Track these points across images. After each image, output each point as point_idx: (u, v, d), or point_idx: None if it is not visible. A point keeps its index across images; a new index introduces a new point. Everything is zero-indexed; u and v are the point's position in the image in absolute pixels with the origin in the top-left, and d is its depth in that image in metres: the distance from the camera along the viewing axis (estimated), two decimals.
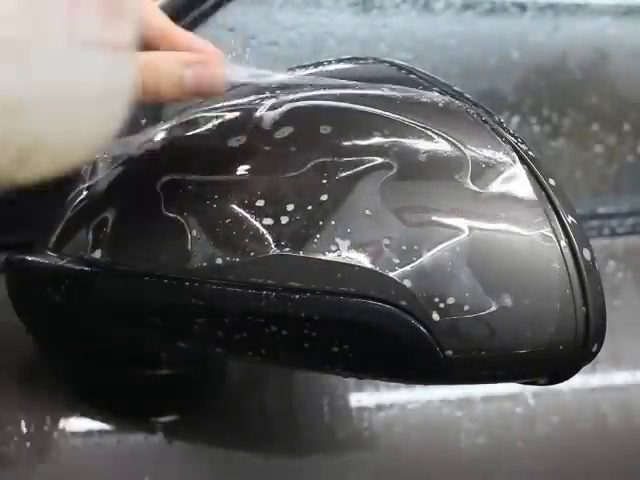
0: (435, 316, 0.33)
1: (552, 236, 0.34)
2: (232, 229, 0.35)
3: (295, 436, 0.54)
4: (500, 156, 0.35)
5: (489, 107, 0.39)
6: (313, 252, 0.34)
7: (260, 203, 0.35)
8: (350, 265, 0.34)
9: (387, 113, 0.37)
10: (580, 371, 0.35)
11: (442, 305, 0.33)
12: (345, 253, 0.34)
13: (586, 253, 0.34)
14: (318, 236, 0.34)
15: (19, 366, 0.50)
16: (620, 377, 0.61)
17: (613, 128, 0.68)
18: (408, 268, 0.33)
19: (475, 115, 0.37)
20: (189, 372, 0.52)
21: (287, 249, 0.34)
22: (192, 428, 0.52)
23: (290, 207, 0.35)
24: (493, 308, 0.33)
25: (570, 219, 0.34)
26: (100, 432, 0.50)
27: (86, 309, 0.41)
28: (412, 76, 0.41)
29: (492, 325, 0.33)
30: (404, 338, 0.34)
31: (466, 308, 0.33)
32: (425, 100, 0.38)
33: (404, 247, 0.34)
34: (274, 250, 0.35)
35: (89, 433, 0.50)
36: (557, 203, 0.35)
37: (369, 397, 0.56)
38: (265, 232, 0.35)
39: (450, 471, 0.57)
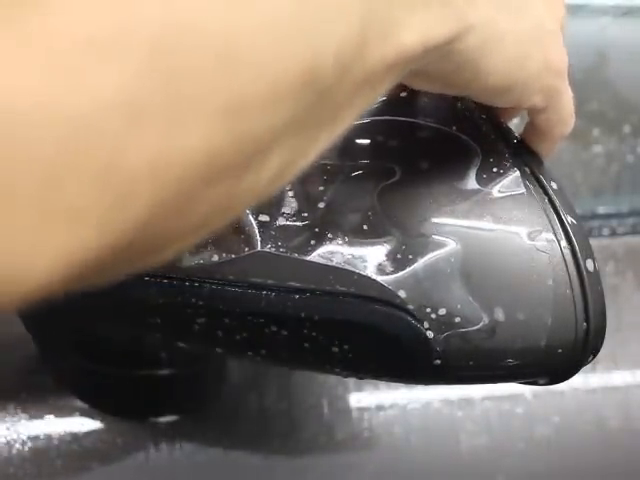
0: (426, 326, 0.33)
1: (553, 238, 0.34)
2: (229, 226, 0.35)
3: (295, 436, 0.54)
4: (501, 160, 0.35)
5: None
6: (308, 256, 0.34)
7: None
8: (347, 271, 0.34)
9: (394, 117, 0.37)
10: (580, 371, 0.35)
11: (434, 316, 0.33)
12: (341, 259, 0.34)
13: (589, 262, 0.34)
14: (313, 242, 0.34)
15: (19, 366, 0.50)
16: (620, 377, 0.61)
17: (613, 128, 0.68)
18: (401, 277, 0.33)
19: (476, 117, 0.37)
20: (189, 372, 0.52)
21: (282, 249, 0.34)
22: (192, 428, 0.52)
23: (287, 210, 0.35)
24: (489, 316, 0.33)
25: (570, 219, 0.34)
26: (100, 432, 0.50)
27: (86, 309, 0.41)
28: None
29: (491, 330, 0.33)
30: (404, 338, 0.34)
31: (457, 320, 0.33)
32: (427, 101, 0.38)
33: (399, 255, 0.33)
34: (268, 248, 0.34)
35: (89, 433, 0.50)
36: (558, 204, 0.34)
37: (369, 397, 0.56)
38: (260, 229, 0.35)
39: (450, 471, 0.57)
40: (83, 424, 0.50)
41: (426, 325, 0.33)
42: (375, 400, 0.56)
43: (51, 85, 0.17)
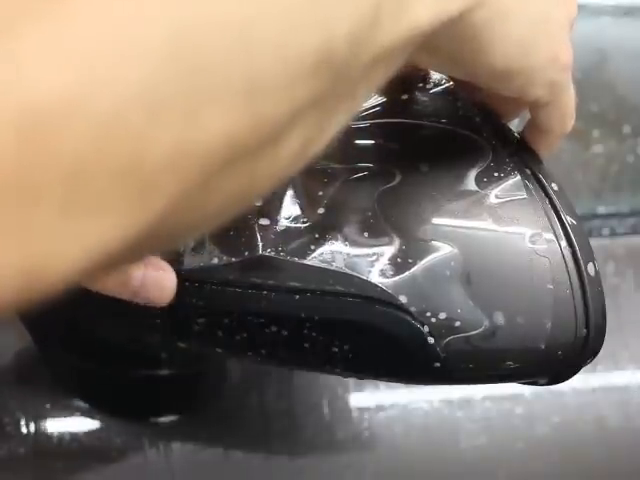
0: (427, 330, 0.33)
1: (553, 239, 0.34)
2: (230, 228, 0.35)
3: (295, 436, 0.54)
4: (502, 162, 0.35)
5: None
6: (308, 259, 0.34)
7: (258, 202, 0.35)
8: (347, 275, 0.34)
9: (395, 119, 0.37)
10: (580, 371, 0.35)
11: (434, 320, 0.33)
12: (341, 263, 0.34)
13: (590, 266, 0.34)
14: (313, 246, 0.34)
15: (19, 366, 0.50)
16: (620, 377, 0.61)
17: (613, 128, 0.68)
18: (402, 281, 0.33)
19: (476, 118, 0.37)
20: (189, 372, 0.52)
21: (282, 253, 0.34)
22: (192, 428, 0.52)
23: (288, 213, 0.35)
24: (489, 320, 0.33)
25: (570, 220, 0.34)
26: (100, 432, 0.50)
27: (86, 309, 0.41)
28: None
29: (491, 334, 0.33)
30: (404, 339, 0.34)
31: (457, 324, 0.33)
32: (427, 103, 0.38)
33: (399, 260, 0.33)
34: (268, 251, 0.34)
35: (89, 433, 0.50)
36: (558, 205, 0.34)
37: (369, 397, 0.56)
38: (260, 233, 0.35)
39: (450, 471, 0.57)
40: (83, 424, 0.50)
41: (426, 329, 0.33)
42: (375, 400, 0.56)
43: (76, 83, 0.17)
